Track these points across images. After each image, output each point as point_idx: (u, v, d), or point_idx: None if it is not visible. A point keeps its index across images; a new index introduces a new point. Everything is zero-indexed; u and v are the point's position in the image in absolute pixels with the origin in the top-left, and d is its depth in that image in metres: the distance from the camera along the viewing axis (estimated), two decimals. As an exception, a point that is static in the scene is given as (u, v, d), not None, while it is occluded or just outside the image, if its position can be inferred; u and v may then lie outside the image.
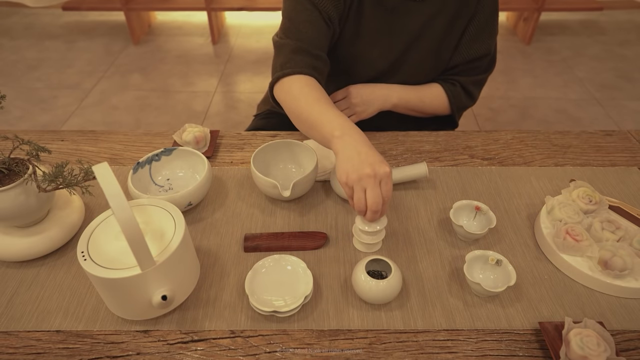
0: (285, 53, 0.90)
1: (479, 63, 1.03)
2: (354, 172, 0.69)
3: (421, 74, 1.05)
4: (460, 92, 1.05)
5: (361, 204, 0.69)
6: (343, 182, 0.70)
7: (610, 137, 1.06)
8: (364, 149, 0.71)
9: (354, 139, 0.73)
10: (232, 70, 2.76)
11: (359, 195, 0.69)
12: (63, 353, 0.65)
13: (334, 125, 0.75)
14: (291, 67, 0.88)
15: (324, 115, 0.78)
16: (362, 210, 0.70)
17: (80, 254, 0.64)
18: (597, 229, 0.77)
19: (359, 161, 0.69)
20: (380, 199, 0.68)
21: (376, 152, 0.71)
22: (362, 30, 0.96)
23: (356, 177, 0.68)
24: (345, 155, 0.71)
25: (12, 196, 0.70)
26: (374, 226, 0.73)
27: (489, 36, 1.01)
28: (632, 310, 0.71)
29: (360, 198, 0.69)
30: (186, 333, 0.68)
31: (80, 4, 2.97)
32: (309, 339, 0.67)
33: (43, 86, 2.60)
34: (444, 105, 1.07)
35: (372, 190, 0.68)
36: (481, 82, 1.07)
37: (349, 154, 0.71)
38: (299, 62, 0.88)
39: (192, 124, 1.00)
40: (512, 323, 0.69)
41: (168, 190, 0.89)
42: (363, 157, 0.70)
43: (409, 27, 0.96)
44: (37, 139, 0.84)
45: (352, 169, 0.69)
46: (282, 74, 0.88)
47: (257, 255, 0.79)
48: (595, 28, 3.21)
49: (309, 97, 0.82)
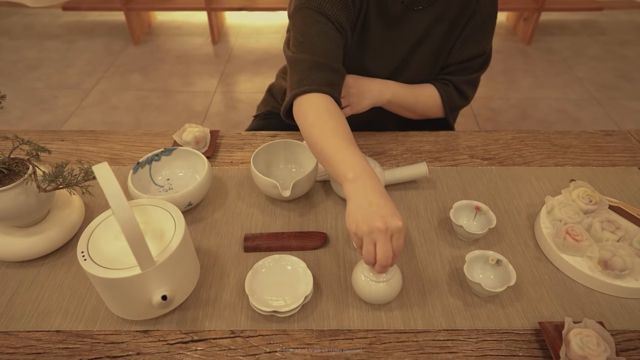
0: (302, 69, 0.86)
1: (471, 63, 1.01)
2: (365, 223, 0.64)
3: (419, 79, 1.04)
4: (452, 91, 1.04)
5: (370, 257, 0.65)
6: (352, 231, 0.66)
7: (610, 137, 1.06)
8: (376, 198, 0.66)
9: (367, 185, 0.68)
10: (232, 70, 2.76)
11: (369, 248, 0.65)
12: (63, 353, 0.65)
13: (347, 166, 0.71)
14: (308, 85, 0.84)
15: (338, 152, 0.73)
16: (371, 263, 0.66)
17: (80, 254, 0.64)
18: (597, 229, 0.77)
19: (370, 212, 0.65)
20: (390, 254, 0.64)
21: (389, 201, 0.67)
22: (366, 42, 0.96)
23: (367, 230, 0.64)
24: (356, 203, 0.66)
25: (12, 196, 0.70)
26: (381, 277, 0.69)
27: (483, 37, 0.99)
28: (632, 310, 0.71)
29: (369, 251, 0.65)
30: (186, 333, 0.68)
31: (80, 4, 2.97)
32: (309, 339, 0.67)
33: (43, 86, 2.60)
34: (437, 105, 1.05)
35: (383, 245, 0.64)
36: (474, 81, 1.05)
37: (361, 202, 0.66)
38: (317, 79, 0.85)
39: (192, 124, 1.00)
40: (512, 323, 0.69)
41: (168, 190, 0.89)
42: (375, 208, 0.65)
43: (411, 36, 0.96)
44: (37, 139, 0.84)
45: (363, 219, 0.64)
46: (299, 92, 0.84)
47: (257, 255, 0.79)
48: (595, 28, 3.21)
49: (325, 126, 0.78)
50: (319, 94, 0.84)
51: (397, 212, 0.65)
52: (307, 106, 0.83)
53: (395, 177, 0.89)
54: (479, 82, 1.07)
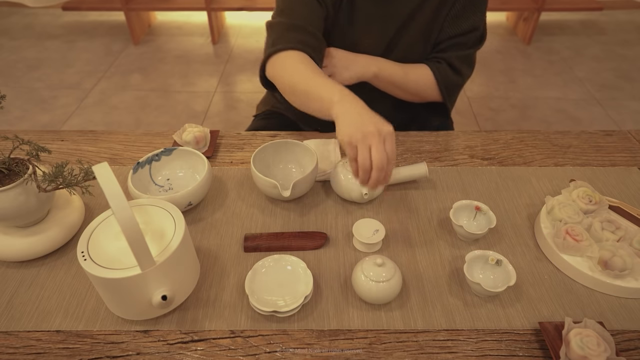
0: (278, 30, 0.90)
1: (464, 39, 0.99)
2: (358, 131, 0.68)
3: (411, 58, 1.02)
4: (446, 68, 1.01)
5: (366, 161, 0.68)
6: (346, 142, 0.70)
7: (610, 137, 1.06)
8: (364, 110, 0.72)
9: (353, 102, 0.73)
10: (232, 71, 2.76)
11: (364, 153, 0.68)
12: (63, 353, 0.65)
13: (332, 91, 0.76)
14: (283, 44, 0.87)
15: (320, 85, 0.79)
16: (368, 169, 0.69)
17: (80, 254, 0.64)
18: (597, 229, 0.77)
19: (361, 121, 0.69)
20: (385, 156, 0.68)
21: (376, 114, 0.72)
22: (355, 19, 0.96)
23: (360, 136, 0.68)
24: (346, 117, 0.71)
25: (12, 196, 0.70)
26: (381, 276, 0.69)
27: (474, 13, 0.97)
28: (632, 310, 0.71)
29: (365, 156, 0.68)
30: (186, 333, 0.68)
31: (80, 4, 2.97)
32: (309, 339, 0.67)
33: (43, 86, 2.59)
34: (431, 83, 1.02)
35: (377, 147, 0.67)
36: (468, 57, 1.03)
37: (351, 116, 0.71)
38: (292, 38, 0.88)
39: (192, 124, 1.00)
40: (512, 323, 0.69)
41: (168, 190, 0.89)
42: (365, 117, 0.70)
43: (400, 12, 0.96)
44: (37, 139, 0.84)
45: (355, 128, 0.69)
46: (275, 50, 0.88)
47: (257, 255, 0.79)
48: (595, 28, 3.21)
49: (304, 70, 0.83)
50: (294, 51, 0.86)
51: (385, 120, 0.70)
52: (284, 60, 0.86)
53: (395, 177, 0.89)
54: (474, 59, 1.05)
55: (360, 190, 0.83)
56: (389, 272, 0.69)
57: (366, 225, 0.80)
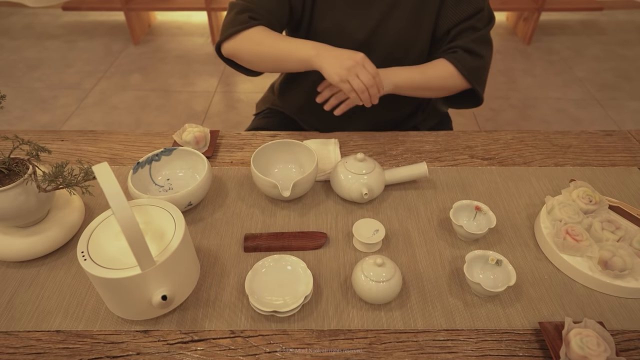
0: (235, 11, 0.97)
1: (472, 22, 0.98)
2: (342, 68, 0.84)
3: (404, 45, 1.02)
4: (463, 55, 1.00)
5: (361, 85, 0.84)
6: (338, 80, 0.85)
7: (610, 137, 1.06)
8: (337, 51, 0.87)
9: (327, 50, 0.88)
10: (232, 70, 2.74)
11: (355, 81, 0.84)
12: (63, 353, 0.65)
13: (306, 47, 0.90)
14: (239, 24, 0.95)
15: (293, 45, 0.92)
16: (364, 89, 0.85)
17: (80, 254, 0.64)
18: (597, 229, 0.77)
19: (340, 61, 0.85)
20: (370, 75, 0.85)
21: (346, 49, 0.87)
22: (335, 2, 0.99)
23: (345, 72, 0.84)
24: (328, 63, 0.86)
25: (12, 196, 0.70)
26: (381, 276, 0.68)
27: None
28: (632, 310, 0.71)
29: (357, 82, 0.84)
30: (186, 333, 0.68)
31: (80, 4, 2.97)
32: (309, 339, 0.67)
33: (43, 86, 2.59)
34: (452, 73, 1.00)
35: (361, 72, 0.85)
36: (483, 38, 1.01)
37: (330, 61, 0.86)
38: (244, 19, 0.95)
39: (192, 124, 1.00)
40: (512, 323, 0.69)
41: (168, 190, 0.89)
42: (341, 56, 0.86)
43: None
44: (37, 139, 0.84)
45: (340, 67, 0.84)
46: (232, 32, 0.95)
47: (257, 255, 0.79)
48: (595, 28, 3.21)
49: (272, 38, 0.94)
50: (255, 28, 0.95)
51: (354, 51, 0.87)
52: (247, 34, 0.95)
53: (395, 177, 0.89)
54: (489, 39, 1.03)
55: (360, 190, 0.83)
56: (389, 272, 0.69)
57: (366, 225, 0.80)
